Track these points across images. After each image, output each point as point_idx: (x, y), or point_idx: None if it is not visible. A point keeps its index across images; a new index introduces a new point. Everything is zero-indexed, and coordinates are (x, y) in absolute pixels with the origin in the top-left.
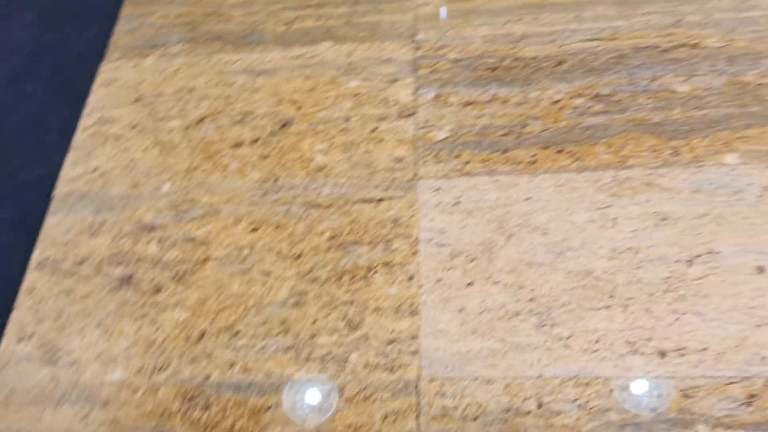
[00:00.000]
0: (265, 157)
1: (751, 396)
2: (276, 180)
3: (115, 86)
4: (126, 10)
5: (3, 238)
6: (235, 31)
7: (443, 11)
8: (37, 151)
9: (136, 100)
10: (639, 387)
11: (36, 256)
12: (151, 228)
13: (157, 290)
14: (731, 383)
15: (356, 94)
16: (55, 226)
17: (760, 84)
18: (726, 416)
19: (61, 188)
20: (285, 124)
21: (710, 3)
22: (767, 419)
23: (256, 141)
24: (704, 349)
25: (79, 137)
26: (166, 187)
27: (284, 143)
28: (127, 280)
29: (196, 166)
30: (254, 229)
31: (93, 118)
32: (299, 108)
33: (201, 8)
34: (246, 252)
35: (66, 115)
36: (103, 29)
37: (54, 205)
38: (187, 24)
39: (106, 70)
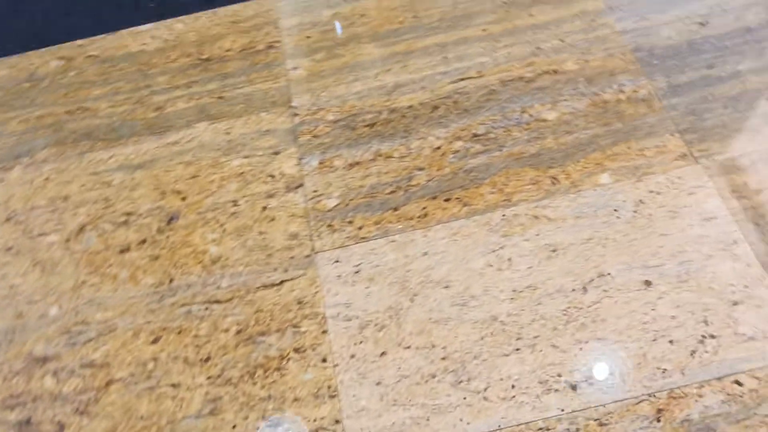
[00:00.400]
0: (156, 258)
1: (659, 411)
2: (171, 281)
3: None
4: None
5: None
6: (104, 126)
7: (338, 27)
8: None
9: (7, 220)
10: (557, 426)
11: None
12: (44, 360)
13: (61, 429)
14: (640, 402)
15: (241, 173)
16: None
17: (618, 100)
18: None
19: None
20: (171, 219)
21: (562, 27)
22: (676, 430)
23: (143, 242)
24: (610, 374)
25: None
26: (53, 312)
27: (174, 239)
28: (25, 424)
29: (83, 282)
30: (155, 340)
31: None
32: (184, 198)
33: (63, 106)
34: (150, 366)
35: None
36: None
37: None
38: (50, 125)
39: None
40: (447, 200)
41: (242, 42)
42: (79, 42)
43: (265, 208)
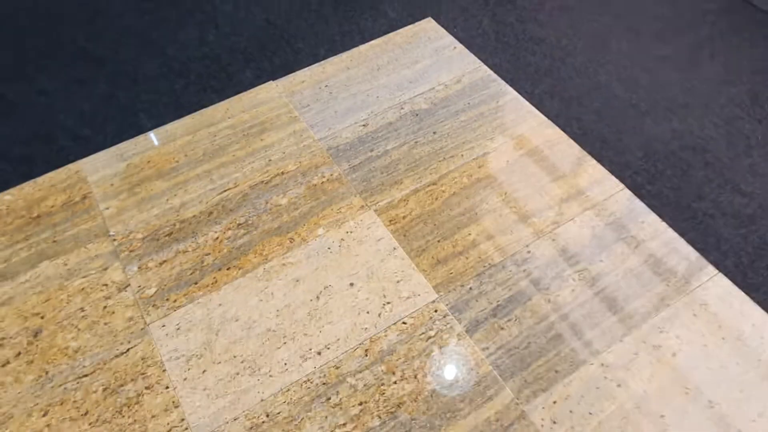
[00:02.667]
0: (31, 362)
1: (366, 350)
2: (47, 373)
3: None
4: None
5: None
6: None
7: (153, 137)
8: None
9: None
10: (313, 378)
11: None
12: None
13: None
14: (356, 349)
15: (82, 289)
16: None
17: (322, 182)
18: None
19: None
20: (37, 333)
21: (282, 144)
22: (377, 358)
23: (18, 355)
24: (338, 340)
25: None
26: None
27: (42, 345)
28: None
29: None
30: (45, 414)
31: None
32: (42, 317)
33: None
34: (46, 431)
35: None
36: None
37: None
38: None
39: None
40: (228, 269)
41: (62, 198)
42: None
43: (105, 307)
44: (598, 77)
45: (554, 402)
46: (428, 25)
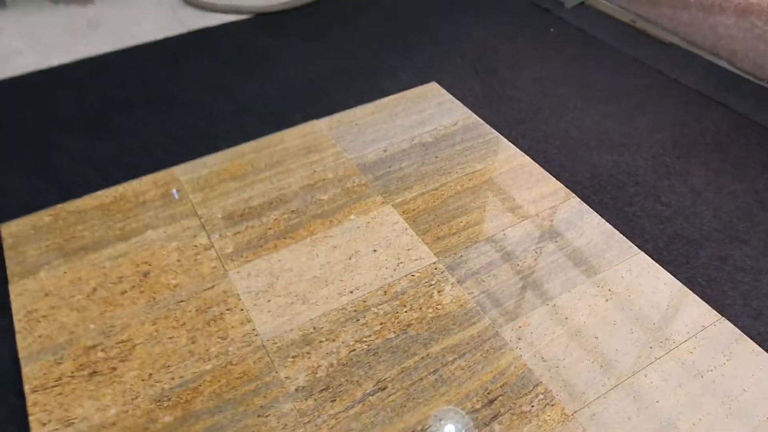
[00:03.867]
0: (143, 291)
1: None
2: (155, 299)
3: None
4: None
5: None
6: (95, 240)
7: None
8: None
9: None
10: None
11: None
12: (92, 347)
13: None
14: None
15: (178, 248)
16: None
17: (354, 186)
18: None
19: None
20: (146, 274)
21: (323, 161)
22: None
23: (133, 287)
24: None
25: None
26: (93, 328)
27: (150, 282)
28: None
29: (104, 312)
30: (153, 324)
31: None
32: (150, 265)
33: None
34: (155, 333)
35: None
36: None
37: None
38: (57, 248)
39: None
40: (284, 238)
41: (161, 191)
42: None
43: (195, 259)
44: (559, 125)
45: (519, 327)
46: (433, 86)
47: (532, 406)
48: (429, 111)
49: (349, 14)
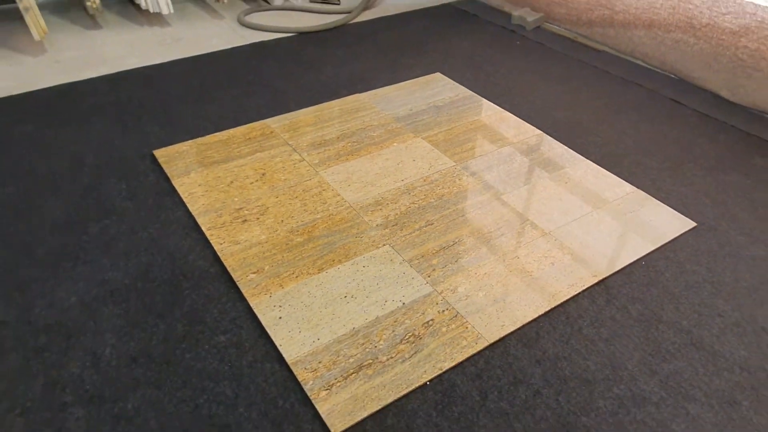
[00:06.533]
0: (263, 183)
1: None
2: (272, 187)
3: None
4: None
5: None
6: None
7: (300, 113)
8: None
9: None
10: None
11: None
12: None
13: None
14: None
15: (281, 161)
16: None
17: (392, 128)
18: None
19: None
20: (263, 174)
21: (367, 117)
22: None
23: (256, 181)
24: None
25: None
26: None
27: (266, 179)
28: None
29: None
30: (276, 197)
31: None
32: (263, 171)
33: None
34: (278, 201)
35: None
36: None
37: None
38: None
39: None
40: (353, 154)
41: (259, 132)
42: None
43: (294, 166)
44: (528, 97)
45: (507, 196)
46: (438, 75)
47: (523, 235)
48: (437, 89)
49: (369, 34)
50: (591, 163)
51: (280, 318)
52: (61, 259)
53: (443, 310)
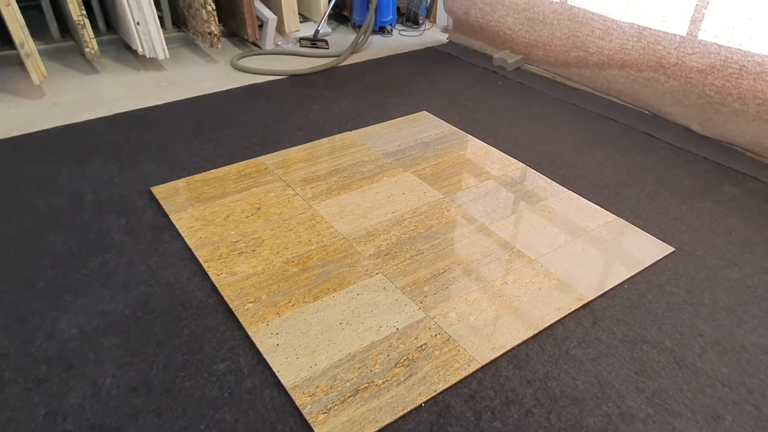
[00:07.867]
0: (259, 217)
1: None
2: (268, 220)
3: None
4: None
5: None
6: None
7: (293, 150)
8: None
9: None
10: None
11: None
12: None
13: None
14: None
15: (275, 196)
16: None
17: (382, 164)
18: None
19: None
20: (258, 209)
21: (357, 153)
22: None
23: (253, 214)
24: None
25: None
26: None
27: (261, 213)
28: None
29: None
30: (272, 231)
31: None
32: (259, 205)
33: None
34: (274, 234)
35: None
36: None
37: None
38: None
39: None
40: (343, 190)
41: (254, 169)
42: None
43: (288, 200)
44: (510, 132)
45: (494, 226)
46: (423, 113)
47: (510, 261)
48: (424, 126)
49: (357, 75)
50: (572, 193)
51: (278, 345)
52: (61, 291)
53: (436, 335)
